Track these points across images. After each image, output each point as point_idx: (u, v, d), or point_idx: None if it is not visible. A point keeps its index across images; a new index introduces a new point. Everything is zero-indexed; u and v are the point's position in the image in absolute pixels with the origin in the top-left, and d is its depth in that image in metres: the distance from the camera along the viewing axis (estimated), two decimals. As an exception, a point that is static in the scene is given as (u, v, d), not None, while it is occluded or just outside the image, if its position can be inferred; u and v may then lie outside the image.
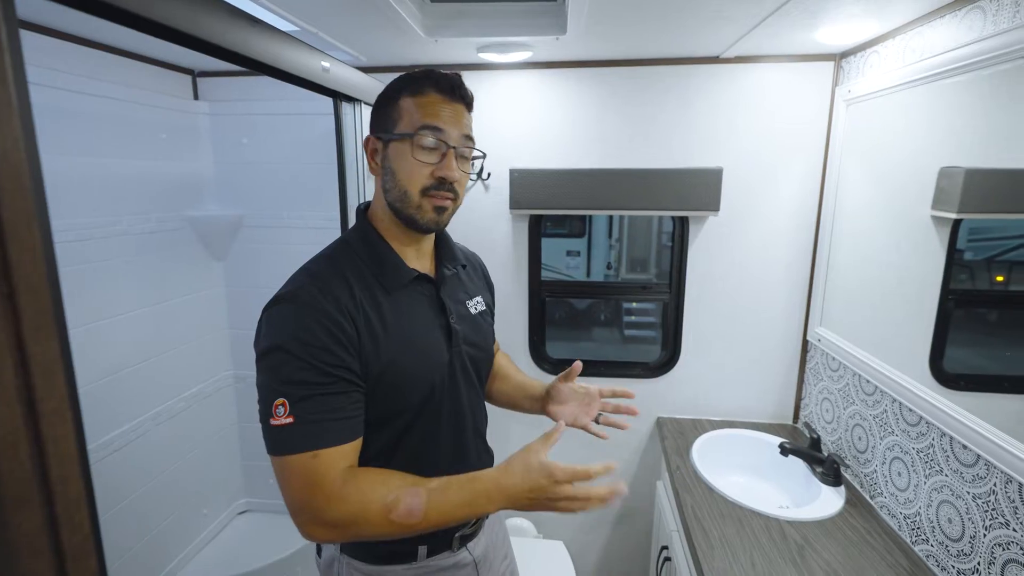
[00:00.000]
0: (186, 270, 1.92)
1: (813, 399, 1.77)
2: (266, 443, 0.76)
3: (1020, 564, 0.96)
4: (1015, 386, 1.11)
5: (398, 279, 0.88)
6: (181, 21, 0.73)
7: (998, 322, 1.24)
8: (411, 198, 0.84)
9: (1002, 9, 1.02)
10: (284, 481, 0.75)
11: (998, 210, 1.19)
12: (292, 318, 0.77)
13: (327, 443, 0.75)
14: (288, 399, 0.74)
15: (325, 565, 0.96)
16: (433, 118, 0.83)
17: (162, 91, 1.79)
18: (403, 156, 0.83)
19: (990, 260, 1.19)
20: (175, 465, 1.90)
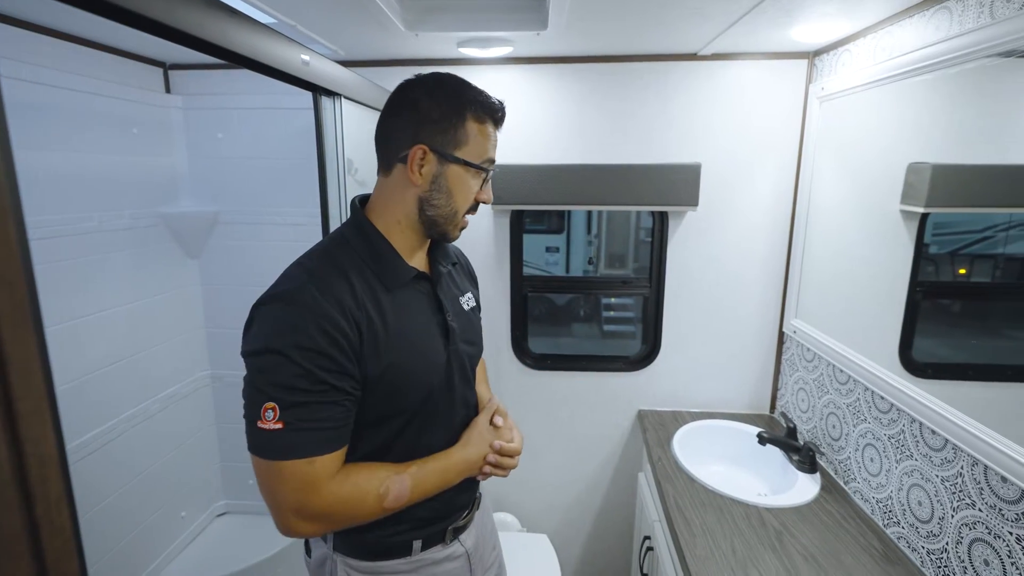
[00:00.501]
0: (160, 268, 1.87)
1: (789, 389, 1.82)
2: (249, 442, 0.75)
3: (986, 543, 1.00)
4: (980, 374, 1.16)
5: (399, 277, 0.87)
6: (158, 11, 0.71)
7: (962, 313, 1.29)
8: (457, 218, 0.89)
9: (967, 10, 1.06)
10: (272, 484, 0.75)
11: (963, 204, 1.24)
12: (291, 320, 0.75)
13: (320, 451, 0.76)
14: (279, 404, 0.73)
15: (316, 565, 0.96)
16: (493, 151, 0.89)
17: (133, 84, 1.74)
18: (464, 182, 0.87)
19: (953, 253, 1.24)
20: (152, 467, 1.85)
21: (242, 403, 0.77)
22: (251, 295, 0.81)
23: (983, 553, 1.01)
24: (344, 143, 1.34)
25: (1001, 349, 1.12)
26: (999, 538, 0.97)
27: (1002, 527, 0.96)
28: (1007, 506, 0.96)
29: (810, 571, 1.16)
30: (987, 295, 1.22)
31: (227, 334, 2.06)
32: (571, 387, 1.99)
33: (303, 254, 0.87)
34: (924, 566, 1.16)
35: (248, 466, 2.28)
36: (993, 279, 1.19)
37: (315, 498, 0.75)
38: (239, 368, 2.27)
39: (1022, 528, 0.92)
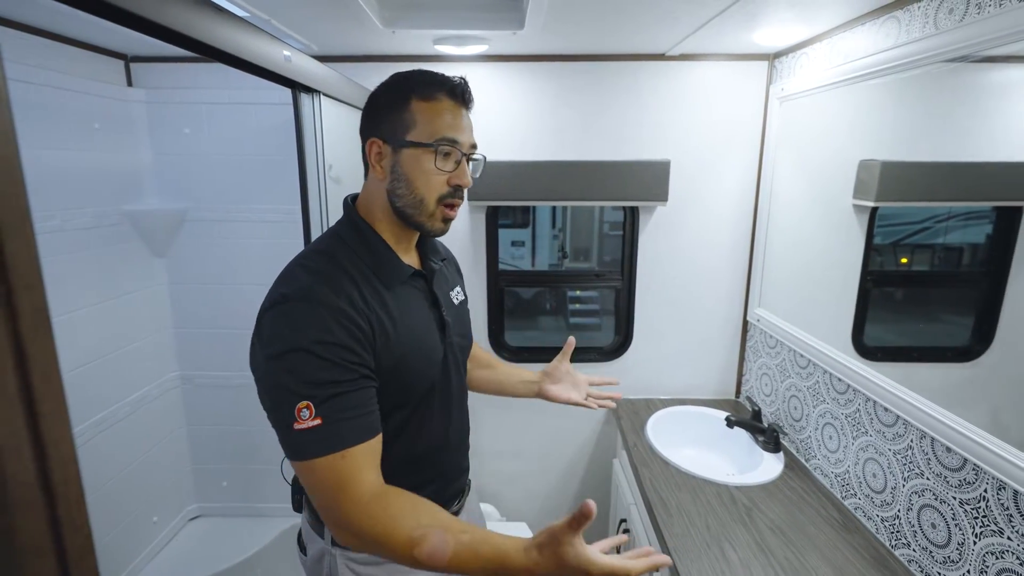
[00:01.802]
0: (126, 267, 1.81)
1: (753, 374, 1.92)
2: (288, 449, 0.75)
3: (933, 508, 1.10)
4: (923, 355, 1.27)
5: (397, 276, 0.88)
6: (144, 7, 0.70)
7: (907, 299, 1.40)
8: (427, 206, 0.85)
9: (914, 20, 1.15)
10: (312, 485, 0.75)
11: (909, 198, 1.34)
12: (308, 317, 0.75)
13: (354, 441, 0.75)
14: (313, 401, 0.72)
15: (313, 561, 0.95)
16: (450, 129, 0.83)
17: (92, 77, 1.68)
18: (419, 165, 0.83)
19: (895, 244, 1.33)
20: (122, 472, 1.80)
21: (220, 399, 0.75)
22: (223, 294, 0.80)
23: (931, 517, 1.10)
24: (323, 140, 1.34)
25: (941, 333, 1.23)
26: (944, 503, 1.07)
27: (947, 493, 1.06)
28: (951, 473, 1.05)
29: (778, 542, 1.24)
30: (928, 283, 1.32)
31: (197, 334, 2.01)
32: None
33: (300, 255, 0.87)
34: (879, 533, 1.26)
35: (220, 467, 2.24)
36: (932, 268, 1.30)
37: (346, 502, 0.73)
38: (210, 368, 2.23)
39: (964, 493, 1.02)
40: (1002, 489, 0.94)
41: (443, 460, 0.99)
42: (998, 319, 1.04)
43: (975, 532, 1.00)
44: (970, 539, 1.01)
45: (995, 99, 1.04)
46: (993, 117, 1.04)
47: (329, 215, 1.37)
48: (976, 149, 1.09)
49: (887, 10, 1.22)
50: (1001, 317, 1.03)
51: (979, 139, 1.07)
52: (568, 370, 1.23)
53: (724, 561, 1.18)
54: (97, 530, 1.71)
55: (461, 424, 1.04)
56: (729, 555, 1.20)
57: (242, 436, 2.08)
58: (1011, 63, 0.98)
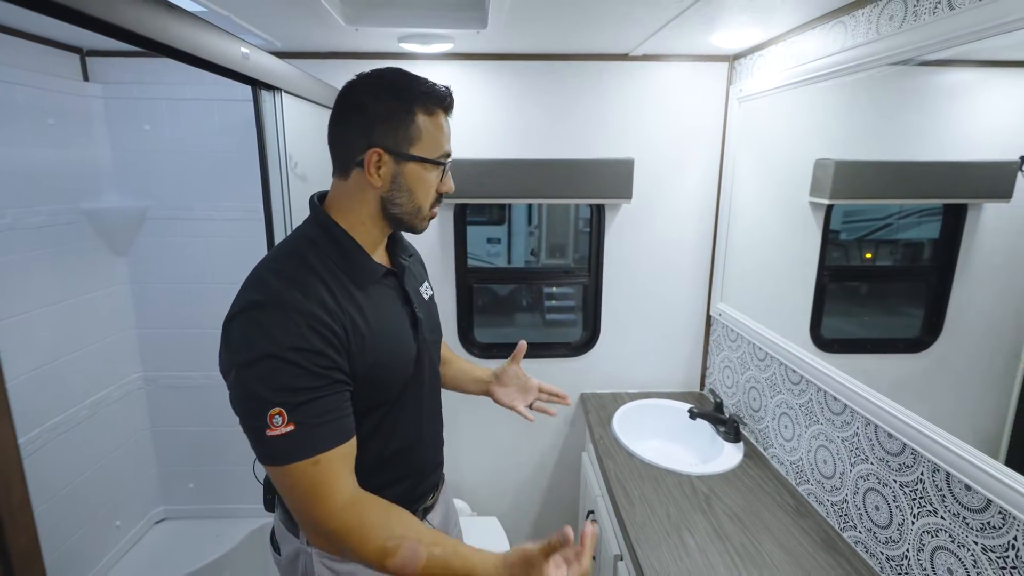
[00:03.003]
0: (84, 267, 1.77)
1: (716, 367, 1.98)
2: (262, 456, 0.75)
3: (876, 491, 1.16)
4: (878, 347, 1.32)
5: (369, 276, 0.88)
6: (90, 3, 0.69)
7: (864, 293, 1.46)
8: (423, 212, 0.90)
9: (858, 26, 1.20)
10: (286, 490, 0.75)
11: (862, 196, 1.39)
12: (281, 323, 0.74)
13: (327, 446, 0.75)
14: (286, 407, 0.72)
15: (288, 561, 0.95)
16: (447, 143, 0.89)
17: (46, 71, 1.63)
18: (423, 178, 0.87)
19: (860, 239, 1.38)
20: (82, 476, 1.77)
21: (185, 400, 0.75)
22: (187, 293, 0.79)
23: (875, 500, 1.16)
24: (286, 138, 1.33)
25: (895, 325, 1.28)
26: (887, 485, 1.13)
27: (889, 476, 1.12)
28: (892, 458, 1.11)
29: (734, 528, 1.29)
30: (884, 277, 1.38)
31: (161, 334, 1.98)
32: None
33: (269, 258, 0.85)
34: (829, 516, 1.32)
35: (187, 469, 2.22)
36: (888, 263, 1.36)
37: (320, 507, 0.74)
38: (175, 369, 2.20)
39: (904, 476, 1.08)
40: (936, 472, 1.00)
41: (418, 456, 0.99)
42: (946, 312, 1.10)
43: (913, 513, 1.06)
44: (909, 519, 1.07)
45: (942, 101, 1.09)
46: (940, 119, 1.08)
47: (292, 213, 1.37)
48: (925, 149, 1.14)
49: (835, 15, 1.27)
50: (948, 310, 1.09)
51: (927, 139, 1.12)
52: (517, 374, 1.23)
53: (683, 547, 1.22)
54: (57, 535, 1.68)
55: (435, 419, 1.05)
56: (688, 542, 1.24)
57: (208, 437, 2.05)
58: (956, 67, 1.03)
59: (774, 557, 1.20)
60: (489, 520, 1.99)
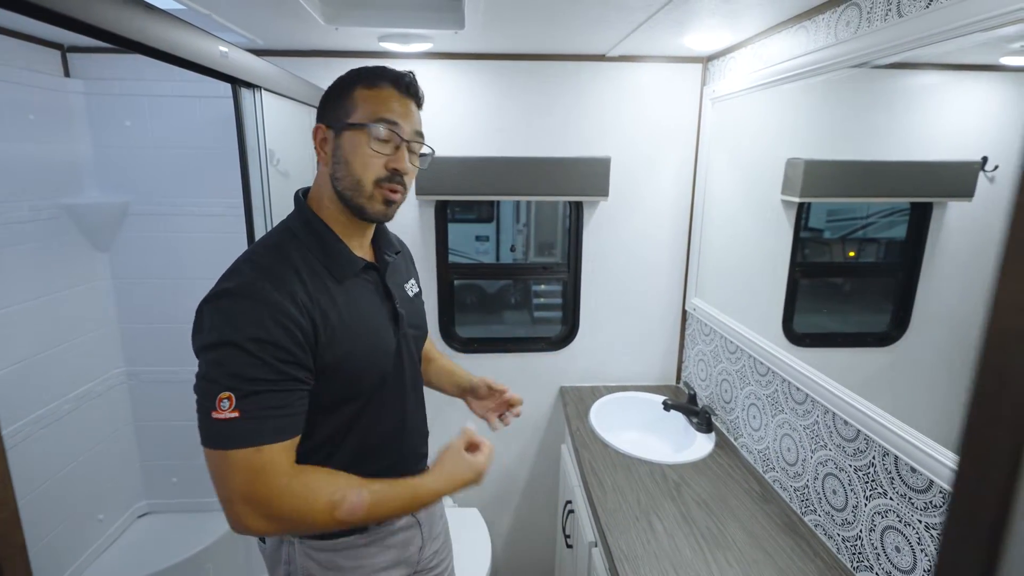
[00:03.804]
0: (66, 262, 1.78)
1: (691, 361, 2.03)
2: (203, 434, 0.76)
3: (834, 476, 1.21)
4: (848, 341, 1.36)
5: (348, 268, 0.89)
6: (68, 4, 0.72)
7: (836, 290, 1.50)
8: (364, 188, 0.86)
9: (819, 30, 1.25)
10: (224, 474, 0.75)
11: (832, 195, 1.44)
12: (247, 313, 0.76)
13: (272, 439, 0.76)
14: (235, 393, 0.74)
15: (272, 549, 0.97)
16: (388, 112, 0.86)
17: (26, 67, 1.64)
18: (357, 146, 0.85)
19: (843, 238, 1.41)
20: (64, 470, 1.78)
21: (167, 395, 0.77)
22: (169, 288, 0.81)
23: (832, 485, 1.22)
24: (266, 134, 1.36)
25: (867, 321, 1.31)
26: (843, 470, 1.18)
27: (845, 461, 1.18)
28: (847, 444, 1.17)
29: (701, 513, 1.34)
30: (856, 273, 1.41)
31: (143, 329, 1.99)
32: (497, 368, 2.10)
33: (250, 249, 0.88)
34: (792, 501, 1.38)
35: (170, 463, 2.23)
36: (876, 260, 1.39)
37: (261, 487, 0.75)
38: (157, 364, 2.21)
39: (857, 460, 1.13)
40: (886, 456, 1.06)
41: (400, 448, 1.01)
42: (913, 307, 1.15)
43: (866, 495, 1.11)
44: (862, 501, 1.12)
45: (907, 103, 1.13)
46: (906, 120, 1.13)
47: (273, 209, 1.39)
48: (892, 149, 1.19)
49: (798, 20, 1.32)
50: (915, 305, 1.14)
51: (894, 140, 1.16)
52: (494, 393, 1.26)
53: (651, 532, 1.27)
54: (40, 528, 1.69)
55: (417, 413, 1.06)
56: (656, 526, 1.29)
57: (191, 432, 2.03)
58: (922, 70, 1.07)
59: (738, 540, 1.25)
60: (470, 511, 2.03)
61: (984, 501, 0.26)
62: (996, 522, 0.25)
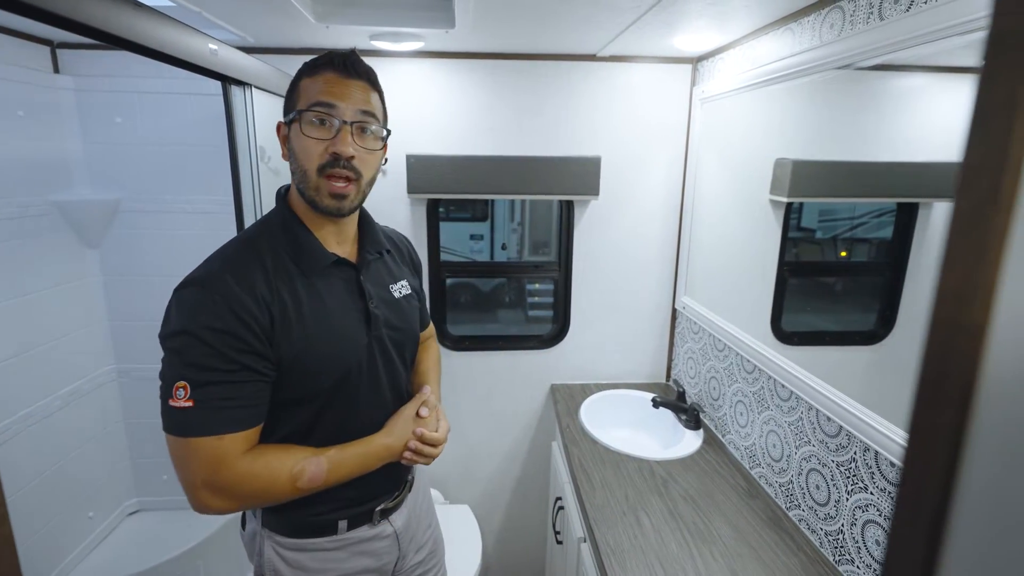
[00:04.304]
0: (55, 259, 1.77)
1: (681, 359, 2.05)
2: (163, 420, 0.78)
3: (817, 471, 1.23)
4: (835, 339, 1.38)
5: (315, 263, 0.89)
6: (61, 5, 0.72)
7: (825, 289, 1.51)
8: (309, 178, 0.85)
9: (804, 32, 1.27)
10: (184, 460, 0.78)
11: (819, 195, 1.46)
12: (203, 303, 0.78)
13: (231, 428, 0.79)
14: (190, 383, 0.76)
15: (248, 538, 0.99)
16: (324, 95, 0.84)
17: (15, 63, 1.63)
18: (298, 135, 0.85)
19: (835, 238, 1.42)
20: (53, 468, 1.77)
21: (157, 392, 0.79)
22: (159, 286, 0.83)
23: (816, 480, 1.24)
24: (256, 132, 1.36)
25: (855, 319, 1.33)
26: (825, 466, 1.20)
27: (827, 457, 1.20)
28: (830, 439, 1.19)
29: (688, 508, 1.36)
30: (845, 273, 1.43)
31: (134, 327, 1.98)
32: (489, 366, 2.11)
33: (228, 241, 0.90)
34: (777, 497, 1.40)
35: (160, 461, 2.23)
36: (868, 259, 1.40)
37: (224, 472, 0.78)
38: (147, 361, 2.21)
39: (839, 456, 1.16)
40: (867, 451, 1.08)
41: None
42: (899, 306, 1.17)
43: (848, 490, 1.13)
44: (844, 496, 1.14)
45: (894, 104, 1.15)
46: (893, 121, 1.14)
47: (263, 206, 1.40)
48: (879, 150, 1.20)
49: (784, 22, 1.34)
50: (901, 304, 1.16)
51: (882, 141, 1.18)
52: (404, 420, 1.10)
53: (638, 526, 1.29)
54: (29, 525, 1.69)
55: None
56: (643, 521, 1.31)
57: (182, 429, 2.06)
58: (909, 72, 1.09)
59: (723, 534, 1.27)
60: (461, 508, 2.05)
61: (931, 476, 0.27)
62: (942, 495, 0.27)
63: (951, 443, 0.26)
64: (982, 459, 0.25)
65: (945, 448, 0.26)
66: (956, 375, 0.26)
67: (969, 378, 0.25)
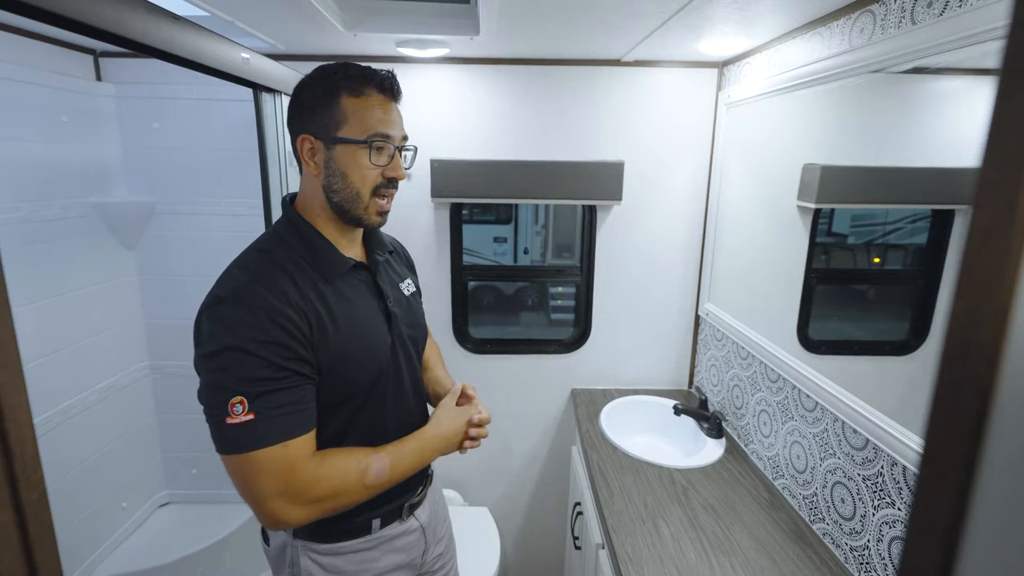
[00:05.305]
0: (95, 259, 1.85)
1: (704, 366, 2.02)
2: (218, 442, 0.76)
3: (843, 484, 1.20)
4: (863, 349, 1.35)
5: (337, 268, 0.90)
6: (97, 17, 0.76)
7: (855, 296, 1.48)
8: (363, 200, 0.89)
9: (833, 36, 1.25)
10: (250, 476, 0.76)
11: (848, 201, 1.43)
12: (242, 317, 0.77)
13: (294, 434, 0.78)
14: (247, 397, 0.75)
15: (276, 552, 0.99)
16: (382, 124, 0.86)
17: (61, 71, 1.71)
18: (355, 160, 0.86)
19: (868, 244, 1.39)
20: (91, 458, 1.85)
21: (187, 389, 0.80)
22: (191, 286, 0.84)
23: (841, 493, 1.21)
24: (285, 138, 1.40)
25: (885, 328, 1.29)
26: (851, 480, 1.17)
27: (853, 470, 1.17)
28: (856, 452, 1.16)
29: (708, 518, 1.34)
30: (875, 280, 1.39)
31: (166, 325, 2.06)
32: (510, 369, 2.12)
33: (239, 255, 0.89)
34: (800, 509, 1.37)
35: (190, 455, 2.29)
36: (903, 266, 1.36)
37: (296, 479, 0.77)
38: (179, 359, 2.28)
39: (866, 470, 1.13)
40: (894, 465, 1.05)
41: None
42: (933, 316, 1.14)
43: (874, 505, 1.10)
44: (870, 511, 1.11)
45: (930, 108, 1.12)
46: (928, 125, 1.11)
47: (291, 210, 1.43)
48: (913, 155, 1.17)
49: (812, 26, 1.31)
50: (936, 313, 1.12)
51: (916, 145, 1.14)
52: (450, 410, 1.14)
53: (657, 535, 1.28)
54: (66, 514, 1.76)
55: (418, 410, 1.07)
56: (662, 530, 1.30)
57: (211, 424, 2.13)
58: (944, 75, 1.06)
59: (744, 546, 1.25)
60: (480, 510, 2.06)
61: (944, 500, 0.27)
62: (954, 520, 0.27)
63: (964, 467, 0.26)
64: (995, 484, 0.25)
65: (958, 472, 0.26)
66: (970, 397, 0.25)
67: (983, 400, 0.25)
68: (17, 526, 0.55)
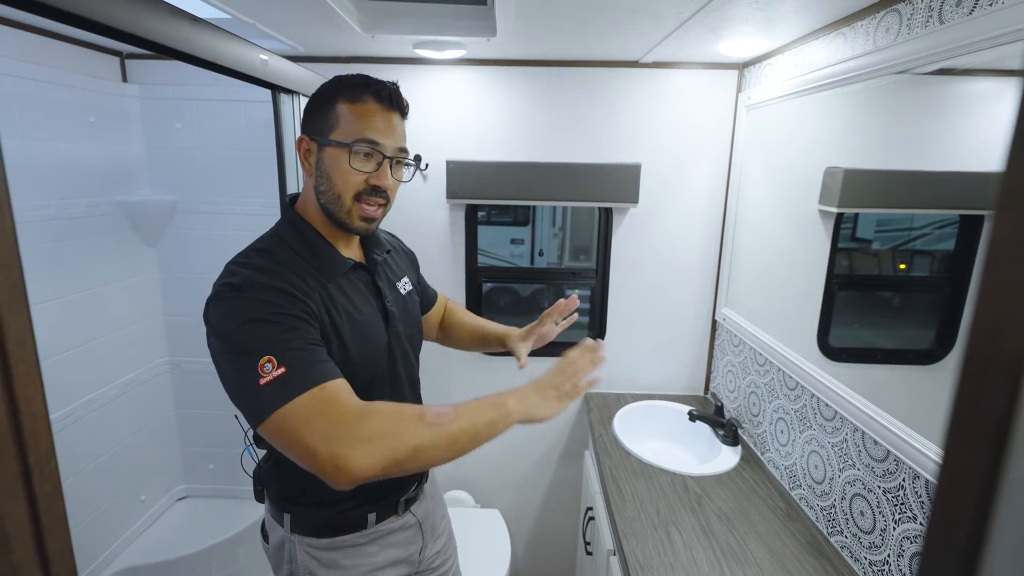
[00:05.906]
0: (118, 256, 1.89)
1: (720, 371, 1.99)
2: (258, 409, 0.72)
3: (862, 497, 1.17)
4: (887, 357, 1.31)
5: (336, 268, 0.91)
6: (120, 19, 0.77)
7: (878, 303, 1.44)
8: (344, 203, 0.88)
9: (857, 37, 1.22)
10: (297, 427, 0.70)
11: (871, 205, 1.39)
12: (255, 297, 0.77)
13: (328, 377, 0.75)
14: (274, 354, 0.73)
15: (275, 548, 1.01)
16: (370, 131, 0.86)
17: (88, 73, 1.75)
18: (338, 163, 0.86)
19: (894, 249, 1.35)
20: (110, 452, 1.89)
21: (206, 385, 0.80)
22: (210, 283, 0.82)
23: (860, 505, 1.18)
24: (302, 139, 1.41)
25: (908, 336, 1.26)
26: (871, 492, 1.14)
27: (873, 482, 1.14)
28: (877, 464, 1.13)
29: (722, 527, 1.32)
30: (900, 287, 1.35)
31: (186, 322, 2.09)
32: (524, 371, 2.10)
33: (238, 254, 0.88)
34: (818, 521, 1.34)
35: (207, 450, 2.32)
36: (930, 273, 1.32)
37: (343, 416, 0.71)
38: (198, 355, 2.32)
39: (887, 482, 1.09)
40: (916, 479, 1.02)
41: None
42: (960, 324, 1.10)
43: (895, 519, 1.07)
44: (891, 525, 1.08)
45: (957, 110, 1.08)
46: (955, 128, 1.08)
47: (307, 210, 1.44)
48: (940, 159, 1.14)
49: (835, 27, 1.29)
50: (963, 322, 1.09)
51: (943, 149, 1.11)
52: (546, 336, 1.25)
53: (668, 543, 1.26)
54: (85, 506, 1.80)
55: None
56: (674, 537, 1.28)
57: (228, 421, 2.15)
58: (974, 76, 1.03)
59: (758, 556, 1.22)
60: (492, 512, 2.05)
61: (962, 519, 0.26)
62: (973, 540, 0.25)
63: (984, 484, 0.25)
64: (1018, 503, 0.23)
65: (978, 490, 0.25)
66: (991, 410, 0.24)
67: (1006, 414, 0.24)
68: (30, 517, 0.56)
